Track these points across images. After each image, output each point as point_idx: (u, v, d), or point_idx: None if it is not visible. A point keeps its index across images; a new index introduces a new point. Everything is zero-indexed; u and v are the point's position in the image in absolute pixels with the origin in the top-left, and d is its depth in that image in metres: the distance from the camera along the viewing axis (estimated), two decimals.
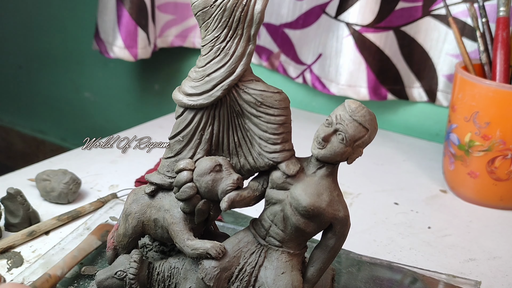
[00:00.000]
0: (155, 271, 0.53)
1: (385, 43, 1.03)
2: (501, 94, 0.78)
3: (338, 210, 0.48)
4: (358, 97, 1.05)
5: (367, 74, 1.04)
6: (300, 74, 1.14)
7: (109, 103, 1.52)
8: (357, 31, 1.01)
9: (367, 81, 1.04)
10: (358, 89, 1.05)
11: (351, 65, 1.03)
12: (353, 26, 1.01)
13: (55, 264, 0.59)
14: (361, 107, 0.47)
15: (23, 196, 0.70)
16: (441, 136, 1.05)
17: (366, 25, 1.00)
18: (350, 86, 1.05)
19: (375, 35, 1.01)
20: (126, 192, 0.79)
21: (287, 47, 1.15)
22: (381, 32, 1.01)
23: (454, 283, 0.62)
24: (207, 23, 0.48)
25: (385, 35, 1.02)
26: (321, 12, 1.07)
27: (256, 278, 0.50)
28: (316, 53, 1.10)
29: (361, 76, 1.04)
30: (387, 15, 1.01)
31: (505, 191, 0.82)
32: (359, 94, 1.05)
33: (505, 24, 0.81)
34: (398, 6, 1.00)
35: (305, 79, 1.14)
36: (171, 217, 0.51)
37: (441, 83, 1.03)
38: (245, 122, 0.50)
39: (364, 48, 1.02)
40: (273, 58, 1.17)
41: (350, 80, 1.04)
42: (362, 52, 1.02)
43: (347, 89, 1.05)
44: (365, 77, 1.04)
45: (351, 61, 1.03)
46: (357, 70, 1.04)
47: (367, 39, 1.01)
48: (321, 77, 1.09)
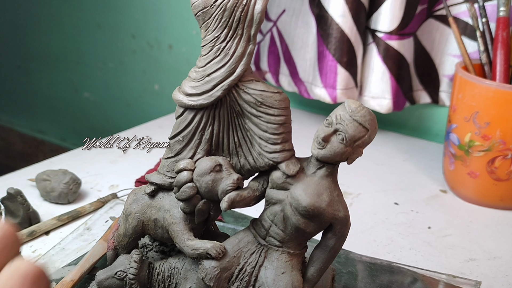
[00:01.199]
0: (155, 271, 0.53)
1: (407, 50, 0.98)
2: (501, 94, 0.78)
3: (338, 210, 0.48)
4: (381, 110, 0.99)
5: (391, 84, 0.98)
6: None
7: (109, 103, 1.52)
8: (380, 39, 0.95)
9: (391, 92, 0.98)
10: (381, 100, 0.99)
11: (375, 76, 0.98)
12: (377, 33, 0.95)
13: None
14: (361, 107, 0.47)
15: (23, 196, 0.70)
16: (441, 136, 1.05)
17: (390, 32, 0.94)
18: (373, 97, 0.99)
19: (398, 42, 0.95)
20: (126, 192, 0.79)
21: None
22: (404, 39, 0.96)
23: (454, 283, 0.62)
24: (207, 23, 0.48)
25: (407, 42, 0.97)
26: None
27: (256, 278, 0.50)
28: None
29: (385, 87, 0.98)
30: (410, 21, 0.95)
31: (505, 191, 0.82)
32: (382, 106, 0.99)
33: (505, 24, 0.81)
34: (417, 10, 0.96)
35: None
36: (171, 217, 0.51)
37: (443, 84, 1.02)
38: (245, 122, 0.50)
39: (388, 57, 0.96)
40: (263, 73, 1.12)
41: (373, 92, 0.99)
42: (386, 61, 0.96)
43: (371, 101, 0.99)
44: (389, 88, 0.98)
45: (375, 71, 0.97)
46: (380, 80, 0.97)
47: (390, 47, 0.96)
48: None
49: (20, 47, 1.65)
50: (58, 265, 0.61)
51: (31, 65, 1.64)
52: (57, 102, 1.63)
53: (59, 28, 1.53)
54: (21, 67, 1.67)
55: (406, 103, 1.03)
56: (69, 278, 0.56)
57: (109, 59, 1.46)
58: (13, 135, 1.77)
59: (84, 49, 1.50)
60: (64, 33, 1.52)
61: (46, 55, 1.59)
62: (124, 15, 1.38)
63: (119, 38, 1.41)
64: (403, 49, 0.97)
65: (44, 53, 1.59)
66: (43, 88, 1.65)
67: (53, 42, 1.56)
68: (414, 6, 0.95)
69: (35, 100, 1.69)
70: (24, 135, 1.74)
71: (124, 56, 1.42)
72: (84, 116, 1.59)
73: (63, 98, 1.61)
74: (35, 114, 1.71)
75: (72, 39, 1.51)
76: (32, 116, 1.72)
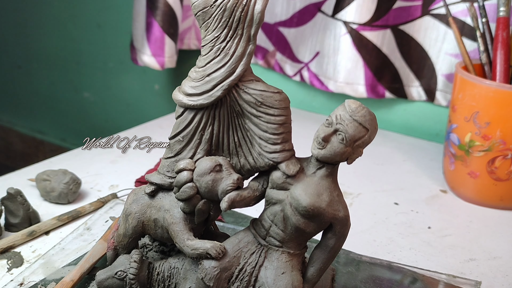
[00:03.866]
0: (155, 271, 0.53)
1: (382, 41, 1.03)
2: (501, 94, 0.78)
3: (338, 210, 0.48)
4: (355, 95, 1.06)
5: (364, 71, 1.05)
6: (297, 72, 1.15)
7: (109, 103, 1.52)
8: (354, 30, 1.02)
9: (364, 79, 1.05)
10: (356, 86, 1.06)
11: (348, 63, 1.04)
12: (350, 24, 1.02)
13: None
14: (361, 107, 0.47)
15: (23, 196, 0.70)
16: (441, 136, 1.05)
17: (363, 24, 1.01)
18: (348, 83, 1.06)
19: (372, 33, 1.02)
20: (126, 192, 0.79)
21: (282, 46, 1.16)
22: (378, 30, 1.02)
23: (454, 283, 0.62)
24: (207, 23, 0.48)
25: (382, 34, 1.03)
26: (316, 10, 1.08)
27: (256, 278, 0.50)
28: (313, 51, 1.11)
29: (358, 73, 1.05)
30: (384, 14, 1.01)
31: (505, 191, 0.82)
32: (357, 91, 1.06)
33: (505, 24, 0.81)
34: (396, 5, 1.01)
35: (303, 77, 1.14)
36: (171, 217, 0.51)
37: (440, 83, 1.03)
38: (245, 122, 0.50)
39: (362, 46, 1.03)
40: (269, 56, 1.18)
41: (348, 78, 1.05)
42: (360, 50, 1.03)
43: (345, 87, 1.06)
44: (362, 74, 1.05)
45: (349, 59, 1.04)
46: (354, 68, 1.04)
47: (364, 37, 1.02)
48: (318, 74, 1.10)
49: (21, 47, 1.65)
50: (58, 265, 0.61)
51: (32, 65, 1.64)
52: (57, 102, 1.63)
53: (59, 28, 1.53)
54: (21, 67, 1.67)
55: (387, 94, 1.07)
56: (69, 278, 0.56)
57: (109, 59, 1.46)
58: (13, 135, 1.77)
59: (84, 49, 1.50)
60: (64, 33, 1.52)
61: (47, 55, 1.59)
62: (124, 15, 1.38)
63: (119, 38, 1.41)
64: (377, 40, 1.02)
65: (45, 53, 1.59)
66: (43, 88, 1.65)
67: (53, 42, 1.56)
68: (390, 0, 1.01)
69: (35, 100, 1.69)
70: (24, 135, 1.74)
71: (125, 56, 1.42)
72: (84, 116, 1.59)
73: (63, 98, 1.61)
74: (35, 114, 1.71)
75: (72, 39, 1.51)
76: (32, 116, 1.72)
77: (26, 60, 1.65)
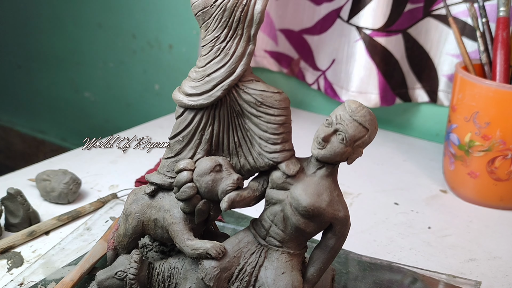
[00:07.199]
0: (155, 271, 0.53)
1: (395, 47, 1.00)
2: (501, 94, 0.78)
3: (338, 210, 0.48)
4: (369, 104, 1.01)
5: (378, 79, 1.00)
6: (315, 81, 1.12)
7: (109, 103, 1.52)
8: (367, 35, 0.98)
9: (378, 88, 1.01)
10: (369, 95, 1.01)
11: (362, 71, 1.00)
12: (364, 30, 0.98)
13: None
14: (361, 107, 0.47)
15: (23, 196, 0.70)
16: (441, 136, 1.05)
17: (377, 29, 0.97)
18: (360, 93, 1.01)
19: (386, 39, 0.98)
20: (126, 192, 0.79)
21: (306, 53, 1.12)
22: (391, 36, 0.98)
23: (454, 283, 0.62)
24: (207, 23, 0.48)
25: (395, 39, 0.99)
26: (336, 16, 1.04)
27: (256, 278, 0.50)
28: (330, 59, 1.07)
29: (372, 82, 1.00)
30: (398, 18, 0.97)
31: (505, 191, 0.82)
32: (370, 101, 1.01)
33: (505, 24, 0.81)
34: (406, 8, 0.98)
35: (319, 86, 1.11)
36: (171, 217, 0.51)
37: (442, 83, 1.03)
38: (245, 122, 0.50)
39: (375, 53, 0.99)
40: (293, 64, 1.14)
41: (360, 87, 1.01)
42: (373, 57, 0.99)
43: (358, 96, 1.01)
44: (376, 83, 1.00)
45: (362, 66, 1.00)
46: (368, 76, 1.00)
47: (378, 44, 0.98)
48: (333, 83, 1.07)
49: (21, 47, 1.65)
50: (58, 265, 0.61)
51: (32, 65, 1.64)
52: (58, 102, 1.63)
53: (59, 28, 1.53)
54: (21, 67, 1.67)
55: (397, 100, 1.04)
56: (69, 278, 0.56)
57: (110, 59, 1.46)
58: (13, 135, 1.77)
59: (85, 49, 1.50)
60: (64, 33, 1.52)
61: (47, 55, 1.59)
62: (124, 15, 1.38)
63: (120, 38, 1.41)
64: (391, 46, 0.99)
65: (45, 53, 1.59)
66: (44, 88, 1.65)
67: (53, 42, 1.56)
68: (401, 3, 0.97)
69: (35, 100, 1.69)
70: (24, 135, 1.74)
71: (125, 56, 1.42)
72: (84, 116, 1.59)
73: (63, 98, 1.61)
74: (36, 114, 1.71)
75: (73, 39, 1.52)
76: (33, 116, 1.72)
77: (26, 60, 1.65)
